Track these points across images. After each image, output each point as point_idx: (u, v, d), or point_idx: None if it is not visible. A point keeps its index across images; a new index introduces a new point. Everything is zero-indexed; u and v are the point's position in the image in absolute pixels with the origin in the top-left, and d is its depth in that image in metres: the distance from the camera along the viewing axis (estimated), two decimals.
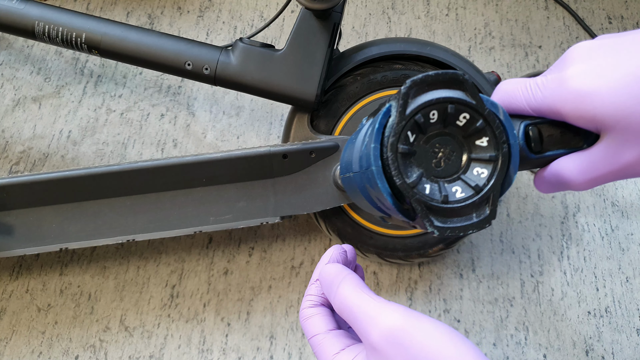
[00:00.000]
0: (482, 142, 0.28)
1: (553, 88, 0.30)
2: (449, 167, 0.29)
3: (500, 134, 0.28)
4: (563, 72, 0.29)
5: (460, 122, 0.28)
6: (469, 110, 0.28)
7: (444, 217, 0.27)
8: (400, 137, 0.27)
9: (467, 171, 0.28)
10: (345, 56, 0.54)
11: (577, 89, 0.28)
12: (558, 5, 0.75)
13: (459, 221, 0.27)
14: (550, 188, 0.33)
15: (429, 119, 0.28)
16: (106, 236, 0.51)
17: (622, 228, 0.62)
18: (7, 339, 0.57)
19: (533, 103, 0.31)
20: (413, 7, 0.75)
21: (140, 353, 0.57)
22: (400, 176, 0.27)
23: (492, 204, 0.28)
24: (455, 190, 0.28)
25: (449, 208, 0.27)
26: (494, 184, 0.28)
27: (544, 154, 0.31)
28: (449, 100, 0.27)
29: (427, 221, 0.27)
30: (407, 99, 0.28)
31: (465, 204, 0.28)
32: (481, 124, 0.28)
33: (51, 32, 0.53)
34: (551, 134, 0.31)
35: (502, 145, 0.28)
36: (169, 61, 0.52)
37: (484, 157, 0.28)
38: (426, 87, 0.28)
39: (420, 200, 0.27)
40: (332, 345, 0.32)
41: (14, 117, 0.68)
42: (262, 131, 0.68)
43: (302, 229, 0.62)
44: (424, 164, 0.28)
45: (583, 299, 0.59)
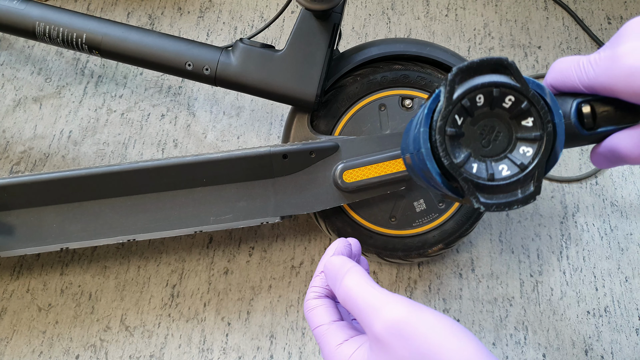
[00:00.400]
0: (527, 123, 0.30)
1: (606, 65, 0.30)
2: (496, 147, 0.30)
3: (545, 114, 0.29)
4: (616, 49, 0.30)
5: (506, 104, 0.29)
6: (513, 93, 0.29)
7: (490, 194, 0.29)
8: (448, 120, 0.29)
9: (514, 150, 0.30)
10: (345, 57, 0.54)
11: (629, 66, 0.28)
12: (557, 5, 0.75)
13: (505, 197, 0.29)
14: (606, 163, 0.33)
15: (476, 102, 0.29)
16: (107, 236, 0.51)
17: (621, 228, 0.62)
18: (7, 338, 0.58)
19: (586, 81, 0.31)
20: (413, 7, 0.75)
21: (140, 352, 0.57)
22: (447, 157, 0.29)
23: (536, 181, 0.29)
24: (502, 168, 0.29)
25: (495, 185, 0.29)
26: (539, 162, 0.29)
27: (597, 130, 0.32)
28: (494, 85, 0.29)
29: (474, 198, 0.29)
30: (453, 85, 0.29)
31: (511, 181, 0.29)
32: (526, 105, 0.29)
33: (52, 33, 0.53)
34: (604, 111, 0.32)
35: (547, 125, 0.29)
36: (170, 62, 0.52)
37: (529, 137, 0.29)
38: (472, 73, 0.29)
39: (467, 179, 0.29)
40: (336, 336, 0.32)
41: (15, 117, 0.68)
42: (262, 131, 0.68)
43: (302, 229, 0.62)
44: (472, 144, 0.30)
45: (582, 298, 0.59)
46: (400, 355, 0.28)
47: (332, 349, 0.32)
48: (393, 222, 0.54)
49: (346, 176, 0.50)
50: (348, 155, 0.51)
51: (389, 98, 0.53)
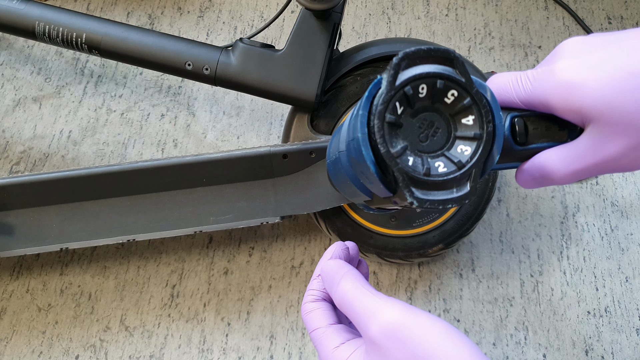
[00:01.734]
0: (467, 121, 0.29)
1: (542, 80, 0.30)
2: (434, 143, 0.29)
3: (486, 113, 0.28)
4: (553, 65, 0.30)
5: (448, 99, 0.29)
6: (457, 88, 0.28)
7: (425, 190, 0.28)
8: (389, 106, 0.28)
9: (451, 148, 0.29)
10: (345, 56, 0.54)
11: (565, 81, 0.29)
12: (558, 5, 0.75)
13: (440, 195, 0.28)
14: (532, 182, 0.33)
15: (418, 92, 0.28)
16: (106, 236, 0.51)
17: (622, 228, 0.62)
18: (7, 338, 0.58)
19: (522, 95, 0.31)
20: (413, 7, 0.75)
21: (140, 353, 0.57)
22: (384, 144, 0.27)
23: (473, 181, 0.28)
24: (438, 165, 0.28)
25: (431, 181, 0.28)
26: (477, 161, 0.28)
27: (528, 146, 0.32)
28: (439, 76, 0.28)
29: (408, 191, 0.27)
30: (398, 70, 0.28)
31: (447, 178, 0.28)
32: (468, 102, 0.28)
33: (51, 33, 0.53)
34: (536, 127, 0.32)
35: (487, 124, 0.28)
36: (169, 61, 0.52)
37: (468, 135, 0.29)
38: (418, 60, 0.28)
39: (402, 170, 0.27)
40: (332, 339, 0.32)
41: (15, 117, 0.68)
42: (262, 131, 0.68)
43: (302, 229, 0.62)
44: (409, 137, 0.29)
45: (583, 298, 0.59)
46: (395, 358, 0.28)
47: (329, 352, 0.32)
48: (393, 222, 0.54)
49: None
50: None
51: None
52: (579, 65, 0.29)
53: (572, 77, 0.29)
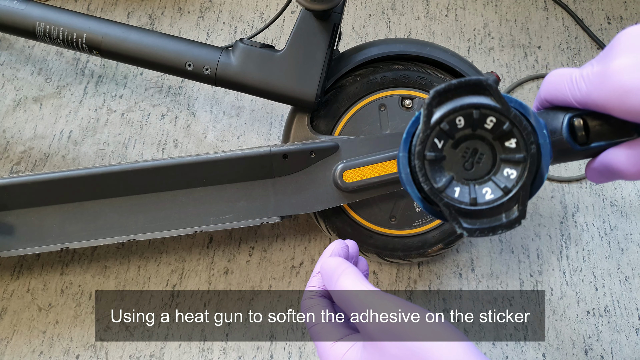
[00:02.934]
0: (510, 144, 0.29)
1: (598, 82, 0.29)
2: (479, 169, 0.29)
3: (527, 135, 0.28)
4: (609, 65, 0.29)
5: (487, 125, 0.29)
6: (494, 114, 0.28)
7: (472, 219, 0.28)
8: (427, 145, 0.28)
9: (498, 172, 0.29)
10: (345, 57, 0.54)
11: (622, 84, 0.28)
12: (557, 5, 0.75)
13: (488, 222, 0.28)
14: (602, 179, 0.33)
15: (456, 125, 0.28)
16: (107, 236, 0.51)
17: (621, 228, 0.62)
18: (8, 338, 0.58)
19: (578, 96, 0.30)
20: (412, 7, 0.75)
21: (140, 352, 0.57)
22: (427, 182, 0.28)
23: (521, 204, 0.28)
24: (485, 191, 0.28)
25: (478, 210, 0.28)
26: (523, 185, 0.28)
27: (590, 145, 0.31)
28: (474, 106, 0.28)
29: (456, 223, 0.28)
30: (431, 109, 0.28)
31: (494, 205, 0.28)
32: (508, 127, 0.28)
33: (52, 33, 0.53)
34: (597, 126, 0.31)
35: (530, 146, 0.28)
36: (170, 62, 0.52)
37: (513, 159, 0.28)
38: (450, 95, 0.28)
39: (448, 204, 0.28)
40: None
41: (15, 117, 0.68)
42: (262, 131, 0.68)
43: (302, 229, 0.63)
44: (454, 167, 0.29)
45: (582, 298, 0.59)
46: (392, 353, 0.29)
47: (327, 347, 0.33)
48: (393, 222, 0.54)
49: (346, 176, 0.50)
50: (348, 155, 0.51)
51: (389, 98, 0.54)
52: (635, 66, 0.27)
53: (628, 80, 0.28)
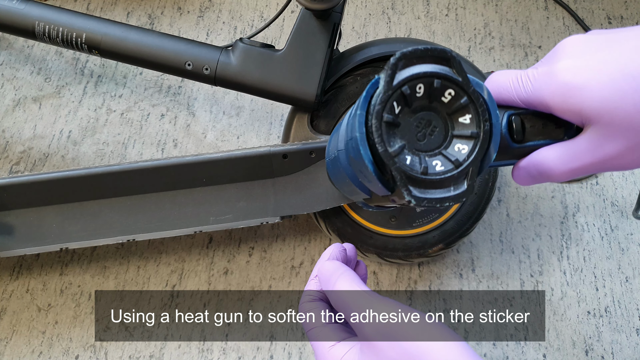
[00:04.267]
0: (464, 120, 0.29)
1: (543, 81, 0.30)
2: (431, 142, 0.29)
3: (483, 112, 0.29)
4: (553, 66, 0.30)
5: (445, 98, 0.29)
6: (454, 87, 0.28)
7: (422, 188, 0.28)
8: (386, 106, 0.28)
9: (449, 147, 0.29)
10: (345, 56, 0.54)
11: (566, 83, 0.29)
12: (558, 5, 0.75)
13: (437, 193, 0.28)
14: (528, 179, 0.33)
15: (415, 92, 0.28)
16: (106, 236, 0.51)
17: (622, 228, 0.62)
18: (7, 338, 0.58)
19: (522, 94, 0.31)
20: (413, 7, 0.75)
21: (140, 353, 0.57)
22: (382, 144, 0.28)
23: (470, 179, 0.28)
24: (436, 164, 0.29)
25: (428, 179, 0.28)
26: (474, 159, 0.28)
27: (526, 143, 0.32)
28: (436, 75, 0.28)
29: (406, 190, 0.28)
30: (395, 70, 0.28)
31: (444, 176, 0.28)
32: (465, 101, 0.28)
33: (51, 32, 0.53)
34: (534, 125, 0.32)
35: (484, 123, 0.29)
36: (169, 61, 0.52)
37: (465, 134, 0.29)
38: (415, 60, 0.28)
39: (400, 169, 0.28)
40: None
41: (15, 117, 0.68)
42: (262, 131, 0.68)
43: (302, 229, 0.62)
44: (407, 136, 0.29)
45: (583, 298, 0.59)
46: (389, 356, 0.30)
47: (325, 350, 0.33)
48: (393, 222, 0.54)
49: None
50: None
51: None
52: (579, 67, 0.29)
53: (572, 78, 0.29)
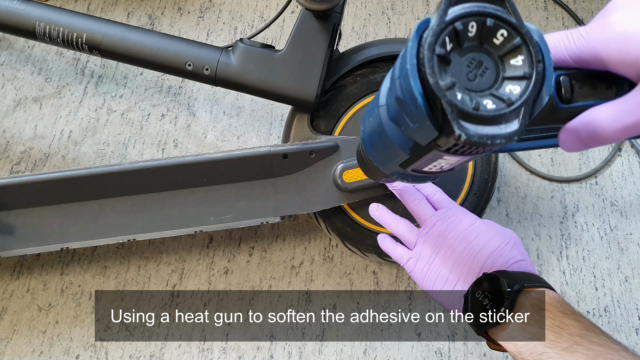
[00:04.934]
0: (517, 62, 0.29)
1: (596, 33, 0.30)
2: (482, 82, 0.29)
3: (536, 53, 0.28)
4: (607, 18, 0.30)
5: (497, 39, 0.28)
6: (507, 27, 0.28)
7: (473, 124, 0.28)
8: (439, 39, 0.28)
9: (500, 88, 0.29)
10: (345, 57, 0.54)
11: (621, 32, 0.29)
12: (557, 5, 0.75)
13: (488, 129, 0.28)
14: (577, 142, 0.32)
15: (468, 30, 0.28)
16: (107, 236, 0.51)
17: (621, 228, 0.62)
18: (8, 338, 0.58)
19: (574, 50, 0.31)
20: (412, 7, 0.75)
21: (140, 352, 0.57)
22: (434, 75, 0.27)
23: (522, 118, 0.28)
24: (487, 103, 0.28)
25: (479, 115, 0.28)
26: (527, 99, 0.28)
27: (574, 104, 0.32)
28: (489, 14, 0.28)
29: (457, 124, 0.27)
30: (448, 4, 0.28)
31: (496, 114, 0.28)
32: (518, 42, 0.28)
33: (52, 33, 0.53)
34: (583, 85, 0.31)
35: (537, 64, 0.28)
36: (170, 62, 0.52)
37: (517, 75, 0.28)
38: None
39: (451, 102, 0.27)
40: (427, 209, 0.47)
41: (15, 117, 0.68)
42: (262, 131, 0.68)
43: (302, 229, 0.63)
44: (457, 75, 0.29)
45: (582, 298, 0.59)
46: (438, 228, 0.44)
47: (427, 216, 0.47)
48: None
49: (346, 176, 0.50)
50: (348, 155, 0.51)
51: None
52: (634, 16, 0.29)
53: (627, 28, 0.28)
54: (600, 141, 0.31)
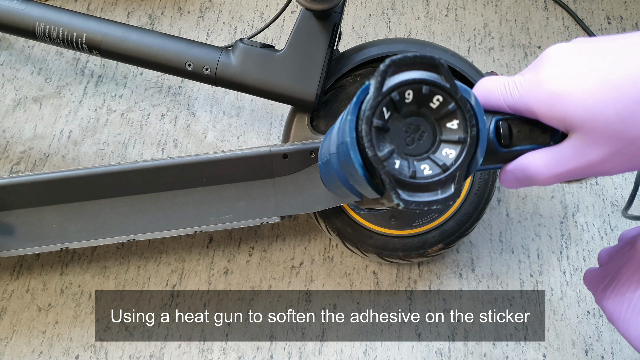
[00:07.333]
0: (452, 125, 0.30)
1: (529, 88, 0.31)
2: (420, 147, 0.30)
3: (470, 118, 0.29)
4: (539, 73, 0.31)
5: (433, 104, 0.30)
6: (442, 93, 0.29)
7: (411, 192, 0.29)
8: (376, 112, 0.29)
9: (437, 152, 0.30)
10: (345, 56, 0.54)
11: (551, 91, 0.30)
12: (557, 5, 0.75)
13: (425, 196, 0.29)
14: (514, 182, 0.34)
15: (404, 98, 0.29)
16: (107, 236, 0.51)
17: (622, 228, 0.62)
18: (7, 338, 0.58)
19: (510, 101, 0.33)
20: (412, 7, 0.75)
21: (140, 353, 0.57)
22: (372, 148, 0.28)
23: (457, 183, 0.29)
24: (424, 168, 0.29)
25: (416, 183, 0.29)
26: (461, 164, 0.29)
27: (512, 148, 0.33)
28: (424, 82, 0.29)
29: (395, 193, 0.28)
30: (384, 77, 0.29)
31: (432, 180, 0.29)
32: (453, 107, 0.29)
33: (52, 33, 0.53)
34: (520, 130, 0.33)
35: (471, 129, 0.29)
36: (170, 62, 0.52)
37: (453, 139, 0.30)
38: (404, 67, 0.29)
39: (389, 173, 0.28)
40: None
41: (15, 117, 0.68)
42: (262, 131, 0.68)
43: (302, 229, 0.62)
44: (396, 140, 0.30)
45: (582, 298, 0.59)
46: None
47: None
48: (393, 222, 0.54)
49: None
50: None
51: None
52: (563, 75, 0.30)
53: (556, 86, 0.30)
54: (536, 183, 0.33)
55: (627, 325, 0.36)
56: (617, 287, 0.37)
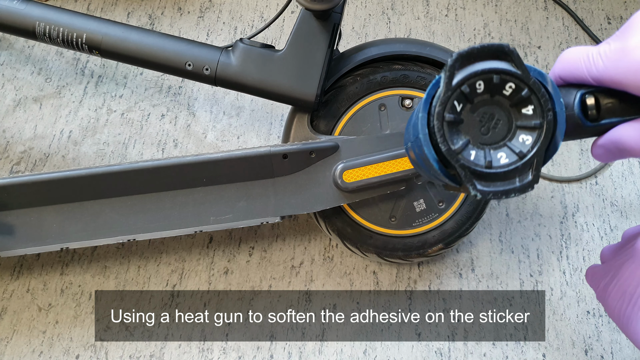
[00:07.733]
0: (527, 111, 0.29)
1: (615, 58, 0.30)
2: (495, 135, 0.30)
3: (545, 102, 0.29)
4: (626, 42, 0.29)
5: (506, 91, 0.29)
6: (514, 80, 0.29)
7: (487, 182, 0.29)
8: (447, 106, 0.29)
9: (513, 138, 0.30)
10: (345, 57, 0.54)
11: (639, 61, 0.28)
12: (557, 5, 0.75)
13: (502, 185, 0.29)
14: (608, 156, 0.33)
15: (476, 89, 0.29)
16: (107, 236, 0.51)
17: (621, 228, 0.62)
18: (8, 338, 0.58)
19: (594, 72, 0.31)
20: (412, 7, 0.75)
21: (140, 352, 0.57)
22: (445, 143, 0.28)
23: (535, 169, 0.29)
24: (500, 156, 0.29)
25: (493, 173, 0.29)
26: (538, 150, 0.29)
27: (601, 122, 0.32)
28: (494, 71, 0.29)
29: (471, 185, 0.28)
30: (453, 71, 0.29)
31: (509, 169, 0.29)
32: (526, 93, 0.29)
33: (52, 33, 0.53)
34: (608, 103, 0.31)
35: (547, 113, 0.29)
36: (170, 62, 0.52)
37: (529, 125, 0.29)
38: (472, 59, 0.29)
39: (464, 166, 0.28)
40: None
41: (15, 117, 0.68)
42: (262, 131, 0.68)
43: (302, 229, 0.63)
44: (471, 131, 0.30)
45: (582, 298, 0.59)
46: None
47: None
48: (393, 222, 0.54)
49: (346, 176, 0.50)
50: (348, 155, 0.51)
51: (388, 98, 0.54)
52: None
53: None
54: (632, 155, 0.31)
55: (627, 322, 0.35)
56: (619, 284, 0.37)
